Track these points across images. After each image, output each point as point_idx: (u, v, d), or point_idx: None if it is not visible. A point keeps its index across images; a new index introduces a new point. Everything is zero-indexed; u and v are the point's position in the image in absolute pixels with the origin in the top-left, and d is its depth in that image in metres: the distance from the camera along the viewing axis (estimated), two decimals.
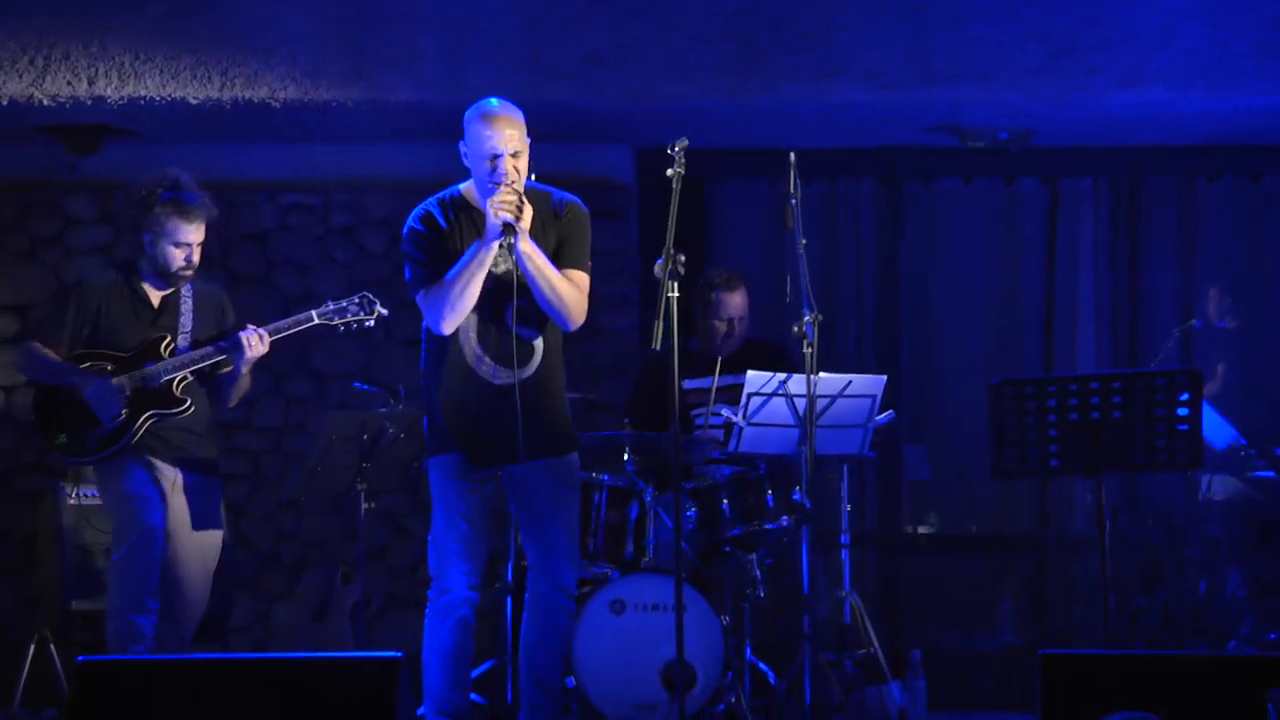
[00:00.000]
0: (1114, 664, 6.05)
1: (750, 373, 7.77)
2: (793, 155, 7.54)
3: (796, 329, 7.49)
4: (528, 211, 6.76)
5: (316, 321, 7.50)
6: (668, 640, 7.12)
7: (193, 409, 7.51)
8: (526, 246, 6.77)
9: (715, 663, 7.86)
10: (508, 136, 6.79)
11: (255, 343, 7.39)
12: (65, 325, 7.49)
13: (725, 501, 8.11)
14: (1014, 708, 8.64)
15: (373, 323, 7.55)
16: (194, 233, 7.44)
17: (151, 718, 5.76)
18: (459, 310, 6.80)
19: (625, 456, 8.20)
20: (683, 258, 6.72)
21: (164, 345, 7.47)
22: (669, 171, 6.78)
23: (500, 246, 6.78)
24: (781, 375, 7.71)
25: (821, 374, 7.62)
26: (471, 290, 6.78)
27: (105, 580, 8.08)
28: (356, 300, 7.56)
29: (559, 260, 6.89)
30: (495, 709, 8.20)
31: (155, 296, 7.56)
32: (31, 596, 9.62)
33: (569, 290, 6.86)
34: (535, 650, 7.04)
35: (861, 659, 8.12)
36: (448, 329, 6.84)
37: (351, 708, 5.71)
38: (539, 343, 6.97)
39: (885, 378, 7.92)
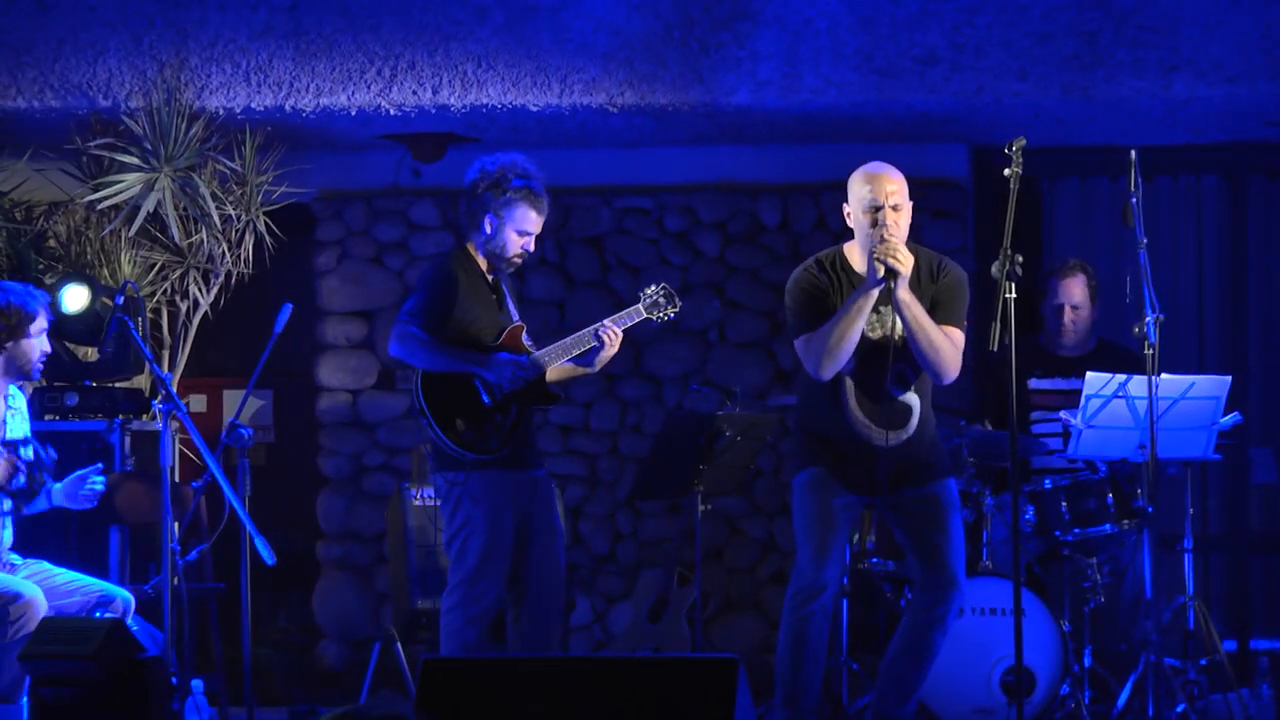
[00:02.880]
0: None
1: (1089, 374, 7.65)
2: (1134, 153, 7.39)
3: (1138, 329, 7.34)
4: (908, 259, 6.80)
5: (645, 315, 7.47)
6: (1005, 644, 7.06)
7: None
8: (905, 295, 6.81)
9: (1054, 668, 7.77)
10: (888, 191, 6.88)
11: (610, 339, 7.31)
12: (437, 310, 7.27)
13: (1064, 504, 8.02)
14: None
15: (672, 316, 7.50)
16: (538, 223, 7.40)
17: (494, 716, 5.87)
18: (837, 357, 6.86)
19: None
20: (1020, 258, 6.65)
21: (523, 334, 7.41)
22: (1006, 171, 6.71)
23: (878, 302, 6.83)
24: (1121, 377, 7.57)
25: (1164, 375, 7.46)
26: (850, 337, 6.84)
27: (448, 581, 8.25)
28: (661, 290, 7.49)
29: (934, 317, 6.90)
30: (829, 710, 8.19)
31: (490, 280, 7.48)
32: (378, 595, 9.86)
33: (944, 342, 6.87)
34: (902, 663, 7.08)
35: (1206, 666, 7.95)
36: (827, 374, 6.91)
37: (690, 710, 5.75)
38: (915, 402, 7.03)
39: (1231, 379, 7.74)
